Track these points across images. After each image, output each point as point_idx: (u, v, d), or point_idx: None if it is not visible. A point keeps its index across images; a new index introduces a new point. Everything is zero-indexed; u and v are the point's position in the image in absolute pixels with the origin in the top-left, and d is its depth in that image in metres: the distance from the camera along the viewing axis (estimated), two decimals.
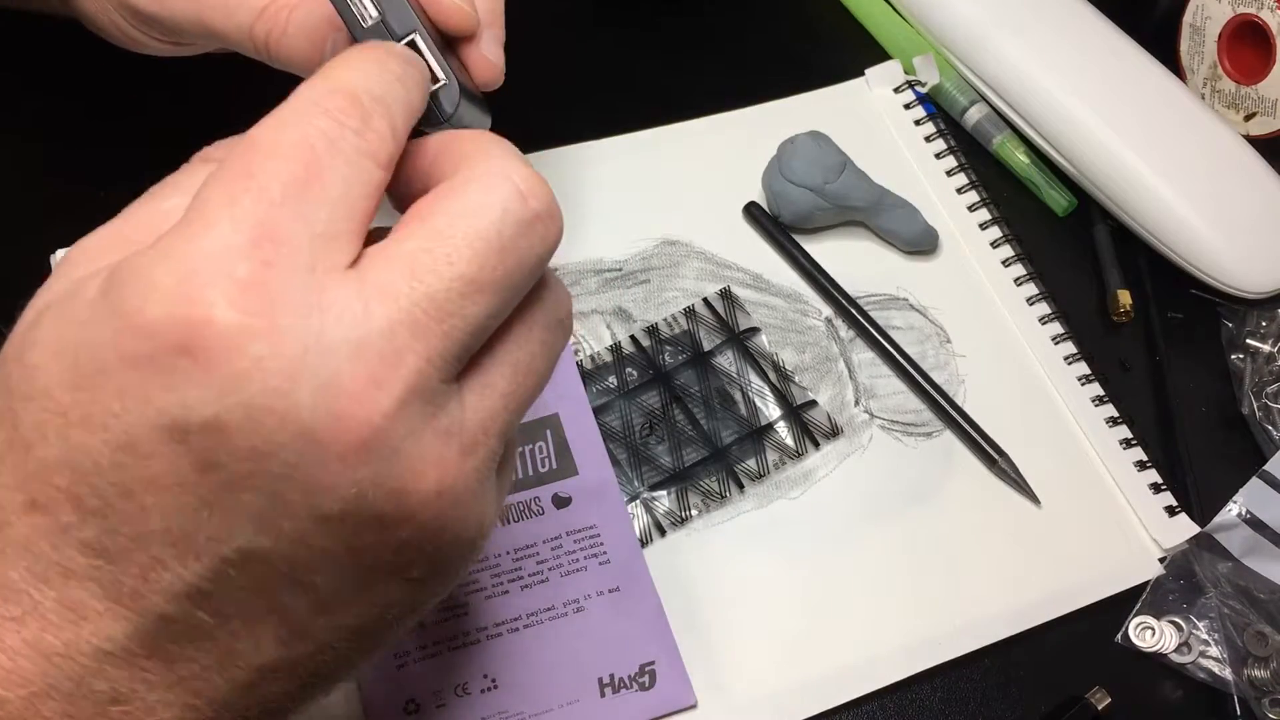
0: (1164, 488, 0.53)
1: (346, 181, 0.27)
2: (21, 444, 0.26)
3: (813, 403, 0.54)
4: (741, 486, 0.51)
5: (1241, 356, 0.57)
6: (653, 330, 0.55)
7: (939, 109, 0.64)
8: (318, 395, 0.25)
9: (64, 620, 0.27)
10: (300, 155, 0.27)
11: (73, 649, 0.27)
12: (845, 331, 0.56)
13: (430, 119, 0.32)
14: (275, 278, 0.25)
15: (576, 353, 0.53)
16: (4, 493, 0.27)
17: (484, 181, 0.29)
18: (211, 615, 0.27)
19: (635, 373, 0.53)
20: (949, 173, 0.61)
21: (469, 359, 0.28)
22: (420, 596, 0.31)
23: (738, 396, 0.53)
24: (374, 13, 0.33)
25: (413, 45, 0.33)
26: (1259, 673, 0.49)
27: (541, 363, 0.31)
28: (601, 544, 0.48)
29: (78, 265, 0.29)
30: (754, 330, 0.55)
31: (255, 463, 0.26)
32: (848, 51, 0.65)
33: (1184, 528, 0.52)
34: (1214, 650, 0.49)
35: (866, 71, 0.64)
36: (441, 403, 0.28)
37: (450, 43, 0.38)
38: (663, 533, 0.50)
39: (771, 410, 0.53)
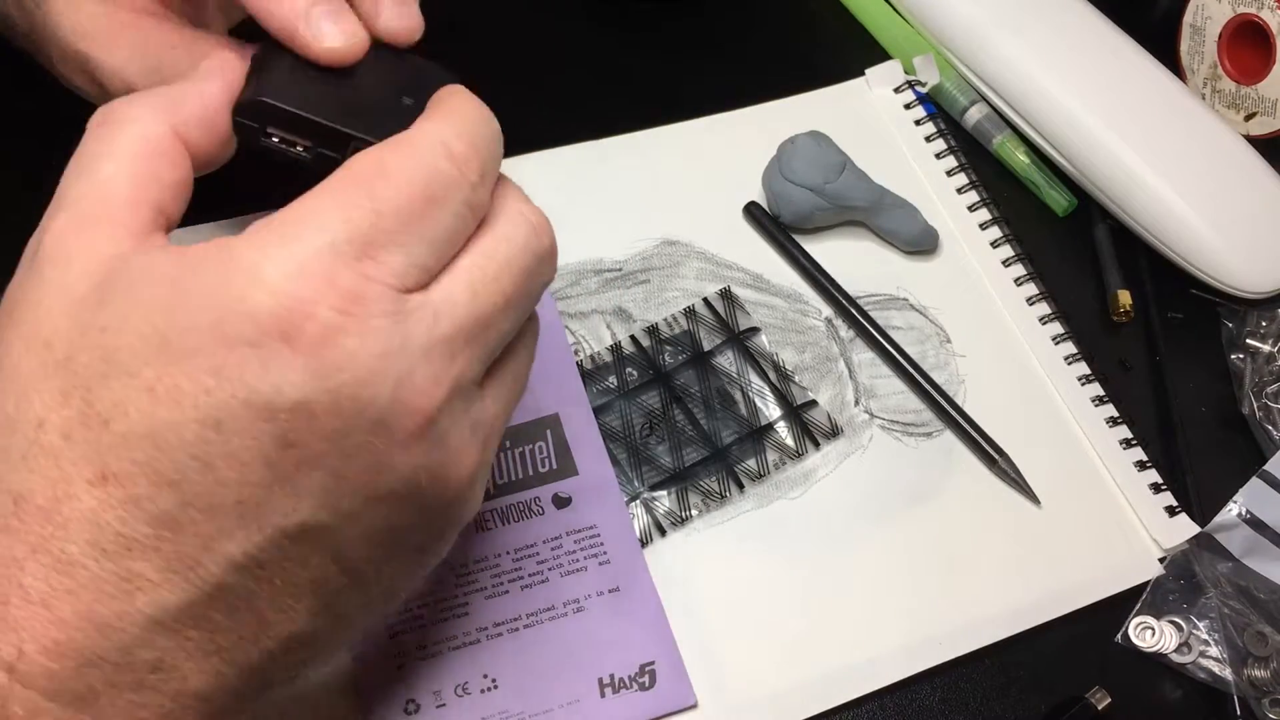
0: (1164, 488, 0.53)
1: (449, 228, 0.31)
2: (97, 420, 0.28)
3: (813, 403, 0.54)
4: (741, 486, 0.51)
5: (1241, 356, 0.57)
6: (653, 330, 0.55)
7: (939, 109, 0.64)
8: (394, 388, 0.29)
9: (119, 591, 0.28)
10: (420, 193, 0.31)
11: (125, 619, 0.28)
12: (845, 331, 0.56)
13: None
14: (371, 290, 0.29)
15: (576, 353, 0.53)
16: (71, 467, 0.28)
17: (510, 217, 0.33)
18: (260, 585, 0.30)
19: (635, 373, 0.53)
20: (949, 173, 0.61)
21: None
22: (421, 571, 0.35)
23: (738, 396, 0.53)
24: None
25: None
26: (1259, 673, 0.49)
27: (527, 371, 0.36)
28: (601, 544, 0.48)
29: (71, 252, 0.30)
30: (754, 330, 0.55)
31: (331, 443, 0.29)
32: (848, 51, 0.65)
33: (1184, 528, 0.52)
34: (1214, 650, 0.49)
35: (866, 71, 0.64)
36: (474, 400, 0.32)
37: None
38: (663, 533, 0.50)
39: (771, 410, 0.53)
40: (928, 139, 0.62)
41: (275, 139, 0.33)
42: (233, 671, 0.30)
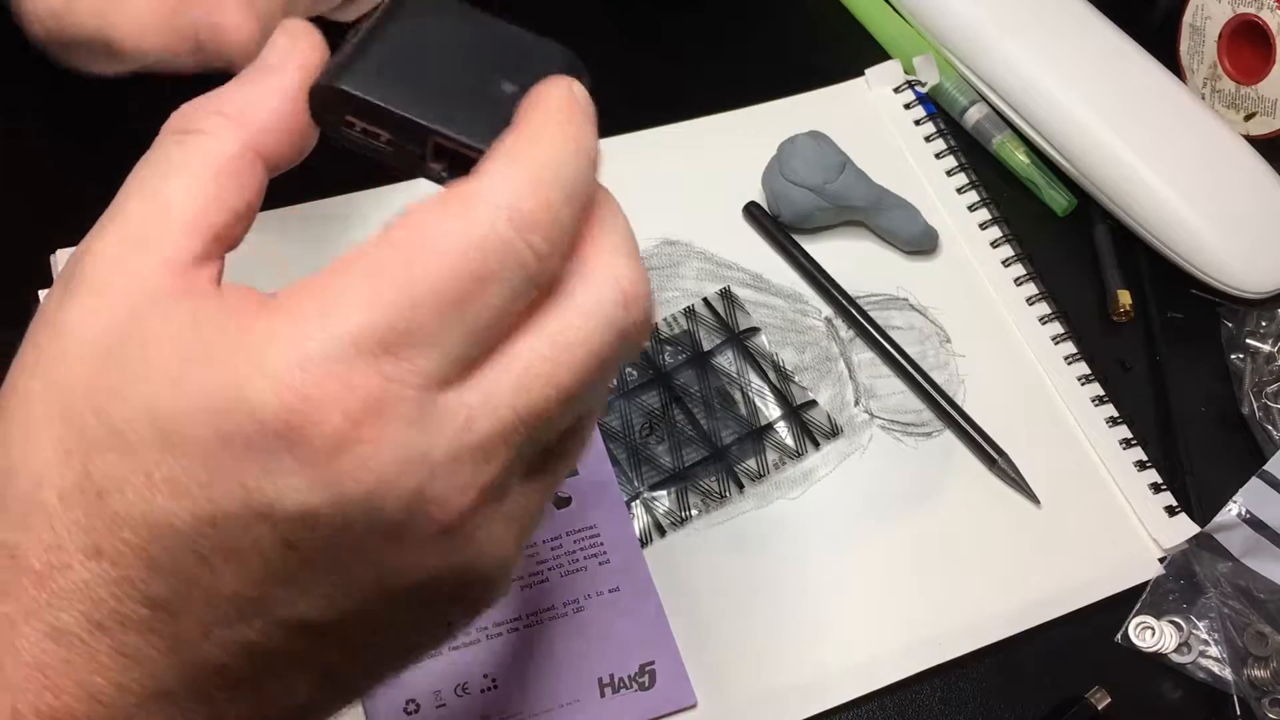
0: (1164, 487, 0.53)
1: (501, 311, 0.26)
2: (93, 491, 0.26)
3: (813, 403, 0.54)
4: (741, 486, 0.51)
5: (1241, 356, 0.57)
6: (653, 330, 0.55)
7: (939, 109, 0.64)
8: (411, 499, 0.26)
9: (116, 665, 0.26)
10: (470, 272, 0.25)
11: (122, 692, 0.27)
12: (845, 331, 0.56)
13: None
14: (392, 393, 0.25)
15: None
16: (66, 534, 0.26)
17: (595, 284, 0.28)
18: (263, 668, 0.28)
19: (635, 373, 0.53)
20: (949, 173, 0.61)
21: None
22: (444, 643, 0.32)
23: (738, 396, 0.53)
24: None
25: None
26: (1259, 672, 0.49)
27: (580, 452, 0.31)
28: (601, 544, 0.48)
29: (109, 281, 0.27)
30: (754, 330, 0.55)
31: (338, 548, 0.26)
32: (848, 51, 0.65)
33: (1184, 528, 0.52)
34: (1214, 650, 0.49)
35: (866, 71, 0.64)
36: (511, 497, 0.28)
37: None
38: (663, 533, 0.50)
39: (771, 410, 0.53)
40: (927, 139, 0.62)
41: (355, 129, 0.29)
42: None
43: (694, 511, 0.50)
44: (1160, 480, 0.54)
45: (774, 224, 0.58)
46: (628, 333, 0.28)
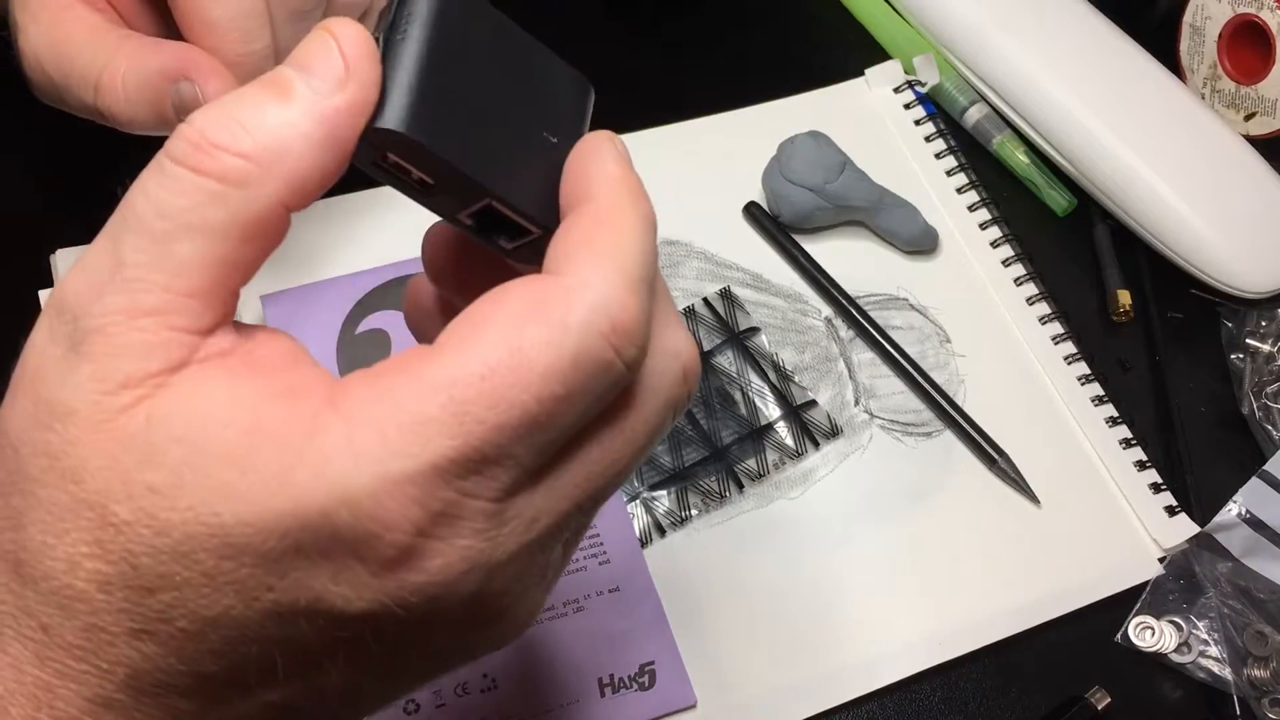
0: (1164, 487, 0.53)
1: (583, 418, 0.25)
2: (141, 585, 0.25)
3: (813, 402, 0.54)
4: (741, 486, 0.51)
5: (1241, 356, 0.57)
6: None
7: (939, 109, 0.64)
8: (470, 599, 0.26)
9: None
10: (561, 391, 0.24)
11: None
12: (845, 331, 0.56)
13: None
14: (468, 508, 0.25)
15: None
16: (108, 617, 0.25)
17: (658, 371, 0.27)
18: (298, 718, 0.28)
19: None
20: (949, 172, 0.61)
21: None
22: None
23: (738, 396, 0.53)
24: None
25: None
26: (1259, 672, 0.49)
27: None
28: (601, 544, 0.48)
29: (122, 345, 0.25)
30: (754, 330, 0.55)
31: (392, 641, 0.26)
32: (848, 51, 0.65)
33: (1184, 528, 0.52)
34: (1214, 650, 0.49)
35: (866, 71, 0.64)
36: (552, 566, 0.28)
37: None
38: (663, 533, 0.50)
39: (771, 410, 0.53)
40: (927, 139, 0.62)
41: (387, 162, 0.27)
42: None
43: (694, 511, 0.50)
44: (1160, 480, 0.54)
45: (774, 224, 0.58)
46: (682, 405, 0.28)
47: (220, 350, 0.25)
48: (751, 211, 0.58)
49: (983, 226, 0.60)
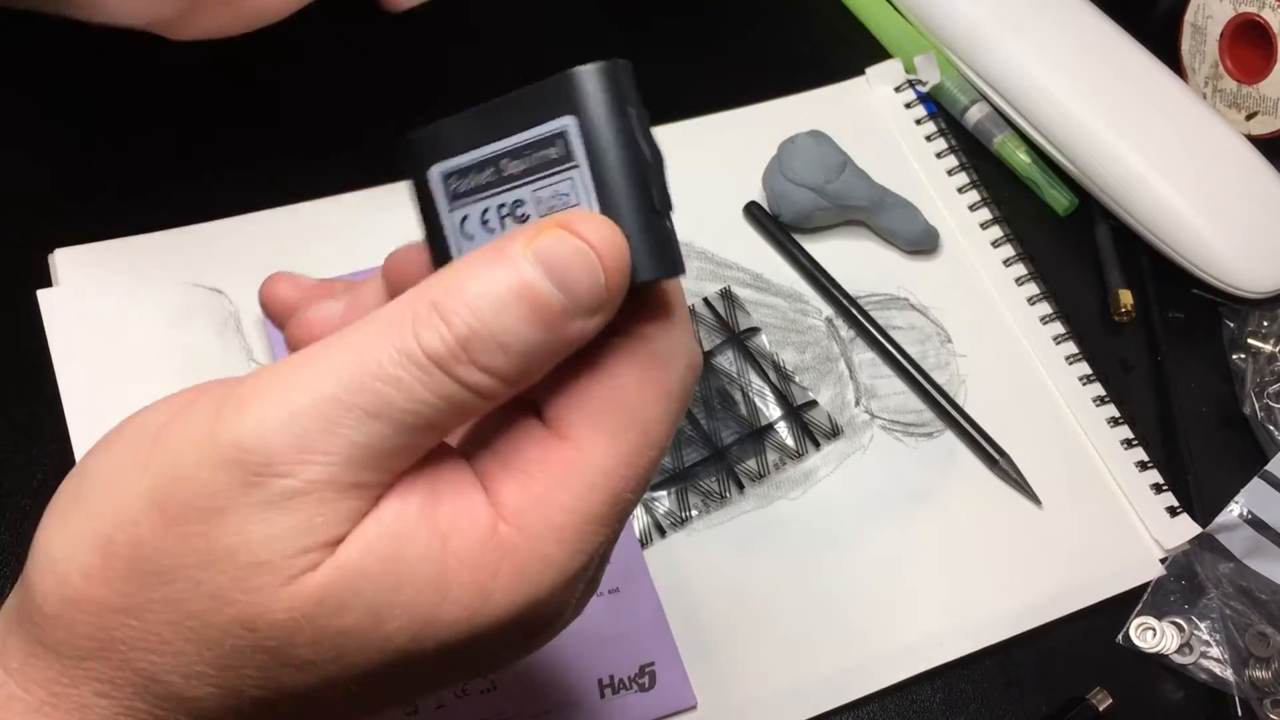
0: (1165, 488, 0.53)
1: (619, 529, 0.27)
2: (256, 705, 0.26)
3: (813, 403, 0.54)
4: (742, 487, 0.51)
5: (1243, 356, 0.57)
6: None
7: (940, 108, 0.64)
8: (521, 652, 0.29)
9: None
10: (664, 444, 0.26)
11: None
12: (846, 331, 0.56)
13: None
14: (597, 567, 0.28)
15: None
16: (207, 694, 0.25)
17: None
18: None
19: None
20: (950, 172, 0.61)
21: None
22: None
23: (738, 396, 0.53)
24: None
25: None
26: (1260, 673, 0.48)
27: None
28: None
29: (296, 483, 0.24)
30: (754, 330, 0.55)
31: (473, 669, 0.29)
32: (848, 51, 0.65)
33: (1185, 528, 0.52)
34: (1215, 651, 0.49)
35: (867, 70, 0.63)
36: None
37: None
38: (663, 533, 0.50)
39: (772, 410, 0.53)
40: (928, 138, 0.62)
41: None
42: None
43: (694, 512, 0.50)
44: (1162, 481, 0.53)
45: (774, 224, 0.58)
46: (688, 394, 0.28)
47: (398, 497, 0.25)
48: (752, 211, 0.58)
49: (984, 226, 0.60)
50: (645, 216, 0.25)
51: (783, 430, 0.53)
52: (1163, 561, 0.52)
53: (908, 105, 0.63)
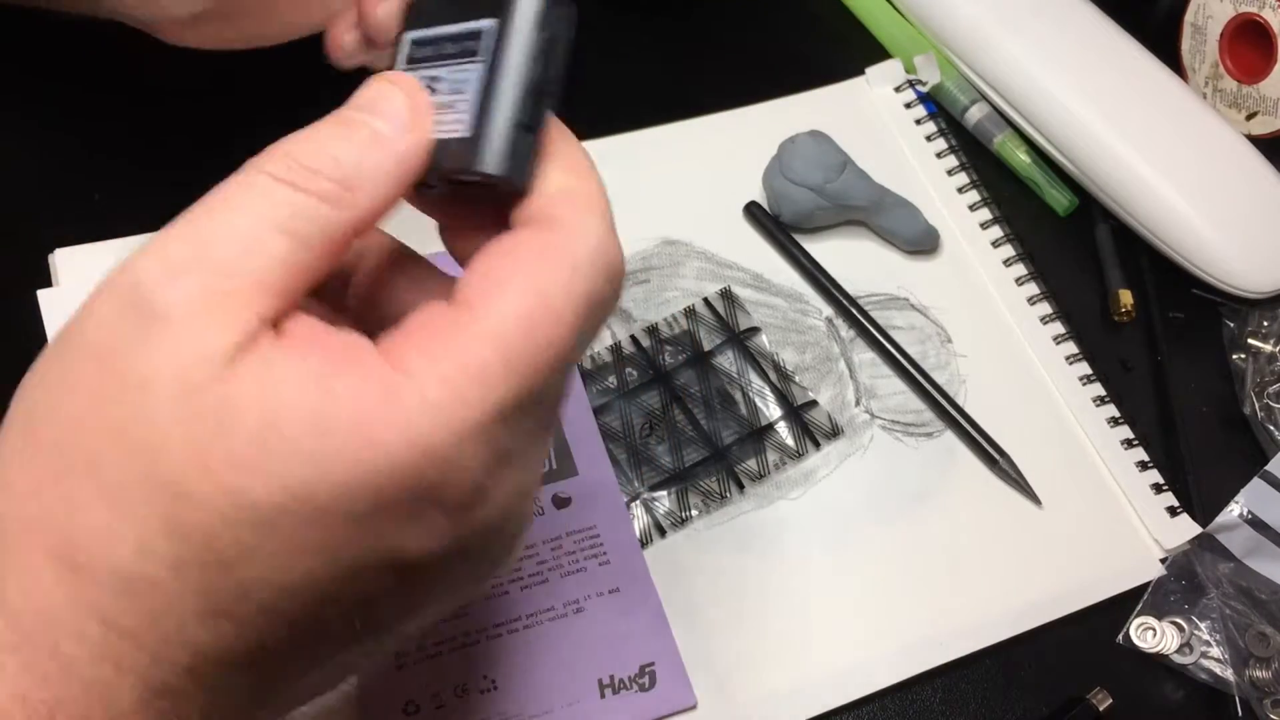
0: (1165, 488, 0.53)
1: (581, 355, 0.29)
2: (217, 563, 0.25)
3: (813, 403, 0.53)
4: (742, 487, 0.51)
5: (1243, 356, 0.57)
6: (653, 330, 0.54)
7: (940, 108, 0.64)
8: (516, 536, 0.30)
9: (212, 707, 0.27)
10: (583, 328, 0.27)
11: None
12: (846, 331, 0.56)
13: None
14: (519, 446, 0.27)
15: None
16: (179, 601, 0.25)
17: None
18: (324, 683, 0.30)
19: (635, 373, 0.53)
20: (950, 172, 0.61)
21: None
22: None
23: (738, 396, 0.53)
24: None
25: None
26: (1261, 674, 0.48)
27: None
28: (601, 545, 0.48)
29: (196, 327, 0.25)
30: (754, 330, 0.55)
31: (450, 580, 0.29)
32: (848, 51, 0.65)
33: (1185, 528, 0.52)
34: (1216, 651, 0.49)
35: (867, 70, 0.63)
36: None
37: None
38: (663, 533, 0.50)
39: (772, 410, 0.53)
40: (928, 138, 0.62)
41: (438, 186, 0.30)
42: None
43: (694, 512, 0.50)
44: (1162, 481, 0.53)
45: (774, 224, 0.58)
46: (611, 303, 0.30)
47: (289, 334, 0.26)
48: (752, 211, 0.58)
49: (984, 226, 0.60)
50: (512, 124, 0.28)
51: (783, 430, 0.53)
52: (1163, 561, 0.52)
53: (908, 105, 0.63)
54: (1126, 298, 0.58)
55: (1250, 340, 0.57)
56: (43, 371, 0.27)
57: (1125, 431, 0.55)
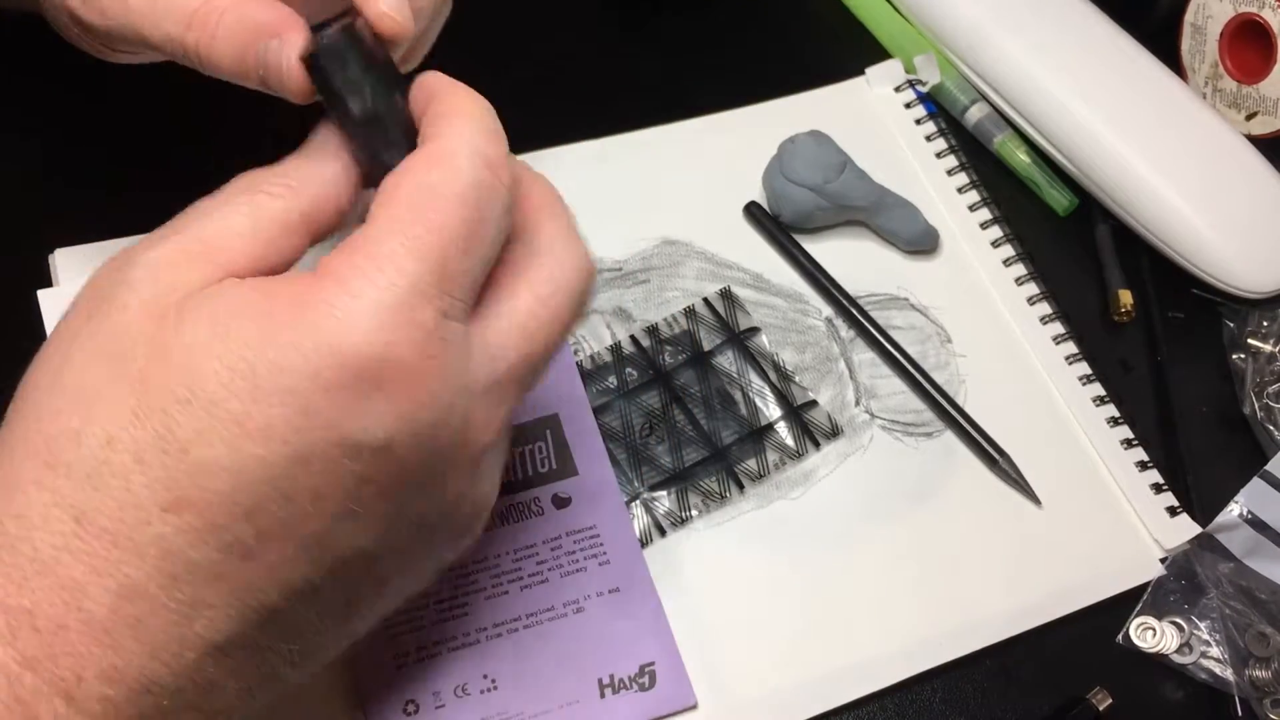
0: (1165, 488, 0.53)
1: (495, 240, 0.32)
2: (177, 447, 0.28)
3: (813, 403, 0.54)
4: (742, 487, 0.51)
5: (1243, 356, 0.57)
6: (653, 330, 0.55)
7: (940, 108, 0.64)
8: (460, 428, 0.31)
9: (182, 618, 0.28)
10: (472, 213, 0.30)
11: (184, 645, 0.28)
12: (846, 331, 0.56)
13: None
14: (448, 329, 0.30)
15: (576, 353, 0.53)
16: (143, 491, 0.28)
17: (565, 245, 0.34)
18: (309, 609, 0.30)
19: (635, 373, 0.53)
20: (949, 172, 0.61)
21: None
22: (431, 578, 0.36)
23: (738, 396, 0.53)
24: None
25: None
26: (1260, 673, 0.48)
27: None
28: (601, 544, 0.48)
29: (163, 279, 0.30)
30: (754, 330, 0.55)
31: (404, 479, 0.30)
32: (848, 51, 0.65)
33: (1185, 528, 0.52)
34: (1215, 651, 0.49)
35: (867, 70, 0.63)
36: (507, 437, 0.34)
37: None
38: (663, 533, 0.50)
39: (772, 410, 0.53)
40: (928, 138, 0.62)
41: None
42: (260, 683, 0.31)
43: (694, 512, 0.50)
44: (1161, 480, 0.53)
45: (774, 224, 0.58)
46: (589, 289, 0.34)
47: (248, 280, 0.30)
48: (752, 211, 0.58)
49: (983, 226, 0.60)
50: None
51: (783, 430, 0.53)
52: (1163, 561, 0.52)
53: (908, 105, 0.63)
54: (1126, 298, 0.58)
55: (1250, 340, 0.57)
56: (55, 329, 0.31)
57: (1125, 431, 0.55)
